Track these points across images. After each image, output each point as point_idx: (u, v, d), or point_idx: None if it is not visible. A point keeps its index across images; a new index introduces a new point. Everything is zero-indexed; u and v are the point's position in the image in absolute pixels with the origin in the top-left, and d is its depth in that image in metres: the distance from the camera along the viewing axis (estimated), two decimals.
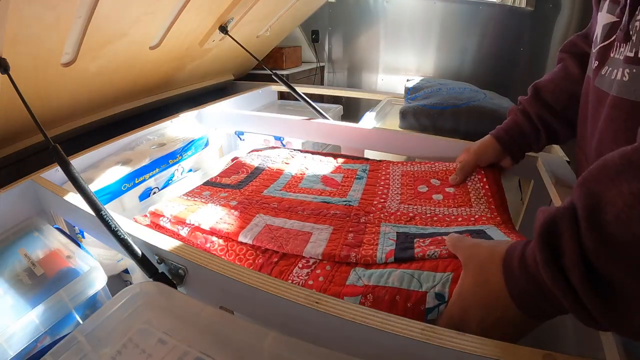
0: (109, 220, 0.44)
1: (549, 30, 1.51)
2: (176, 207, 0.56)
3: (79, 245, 0.52)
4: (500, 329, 0.32)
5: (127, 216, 0.50)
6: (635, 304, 0.24)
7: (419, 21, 1.71)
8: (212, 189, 0.65)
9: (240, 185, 0.65)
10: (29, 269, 0.47)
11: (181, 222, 0.53)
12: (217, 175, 0.70)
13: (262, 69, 1.18)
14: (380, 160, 0.74)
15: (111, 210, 0.47)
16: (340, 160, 0.75)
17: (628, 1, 0.36)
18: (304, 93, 1.00)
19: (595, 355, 0.30)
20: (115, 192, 0.66)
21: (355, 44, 1.90)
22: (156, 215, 0.55)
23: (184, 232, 0.52)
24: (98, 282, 0.46)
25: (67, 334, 0.32)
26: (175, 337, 0.33)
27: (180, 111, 0.93)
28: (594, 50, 0.43)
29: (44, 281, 0.45)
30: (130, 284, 0.60)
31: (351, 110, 1.78)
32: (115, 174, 0.66)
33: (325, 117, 0.93)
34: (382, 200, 0.58)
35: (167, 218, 0.54)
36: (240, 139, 1.02)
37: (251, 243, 0.48)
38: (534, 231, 0.29)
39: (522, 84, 1.66)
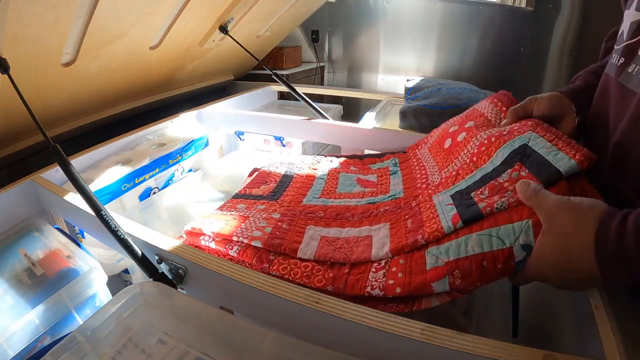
0: (109, 220, 0.44)
1: (549, 30, 1.51)
2: (215, 223, 0.50)
3: (79, 245, 0.52)
4: (578, 287, 0.35)
5: (127, 216, 0.49)
6: None
7: (419, 21, 1.71)
8: (246, 201, 0.60)
9: (275, 196, 0.61)
10: (29, 269, 0.47)
11: (227, 239, 0.48)
12: (245, 187, 0.66)
13: (262, 69, 1.18)
14: (404, 152, 0.72)
15: (111, 210, 0.47)
16: (366, 160, 0.74)
17: None
18: (304, 93, 1.00)
19: (595, 355, 0.30)
20: (115, 192, 0.66)
21: (355, 44, 1.90)
22: (194, 234, 0.50)
23: (233, 251, 0.47)
24: (98, 282, 0.47)
25: (67, 334, 0.32)
26: (175, 337, 0.33)
27: (180, 111, 0.93)
28: (618, 46, 0.43)
29: (44, 281, 0.45)
30: (130, 284, 0.61)
31: (351, 110, 1.78)
32: (115, 174, 0.66)
33: (325, 117, 0.93)
34: (424, 179, 0.57)
35: (209, 236, 0.49)
36: (240, 139, 1.02)
37: (314, 259, 0.45)
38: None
39: (522, 84, 1.67)
